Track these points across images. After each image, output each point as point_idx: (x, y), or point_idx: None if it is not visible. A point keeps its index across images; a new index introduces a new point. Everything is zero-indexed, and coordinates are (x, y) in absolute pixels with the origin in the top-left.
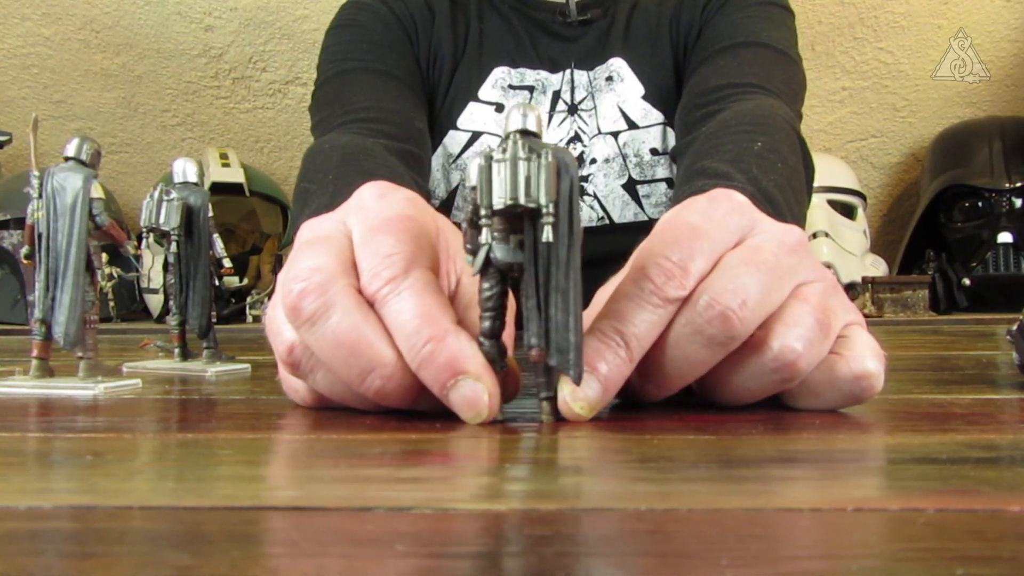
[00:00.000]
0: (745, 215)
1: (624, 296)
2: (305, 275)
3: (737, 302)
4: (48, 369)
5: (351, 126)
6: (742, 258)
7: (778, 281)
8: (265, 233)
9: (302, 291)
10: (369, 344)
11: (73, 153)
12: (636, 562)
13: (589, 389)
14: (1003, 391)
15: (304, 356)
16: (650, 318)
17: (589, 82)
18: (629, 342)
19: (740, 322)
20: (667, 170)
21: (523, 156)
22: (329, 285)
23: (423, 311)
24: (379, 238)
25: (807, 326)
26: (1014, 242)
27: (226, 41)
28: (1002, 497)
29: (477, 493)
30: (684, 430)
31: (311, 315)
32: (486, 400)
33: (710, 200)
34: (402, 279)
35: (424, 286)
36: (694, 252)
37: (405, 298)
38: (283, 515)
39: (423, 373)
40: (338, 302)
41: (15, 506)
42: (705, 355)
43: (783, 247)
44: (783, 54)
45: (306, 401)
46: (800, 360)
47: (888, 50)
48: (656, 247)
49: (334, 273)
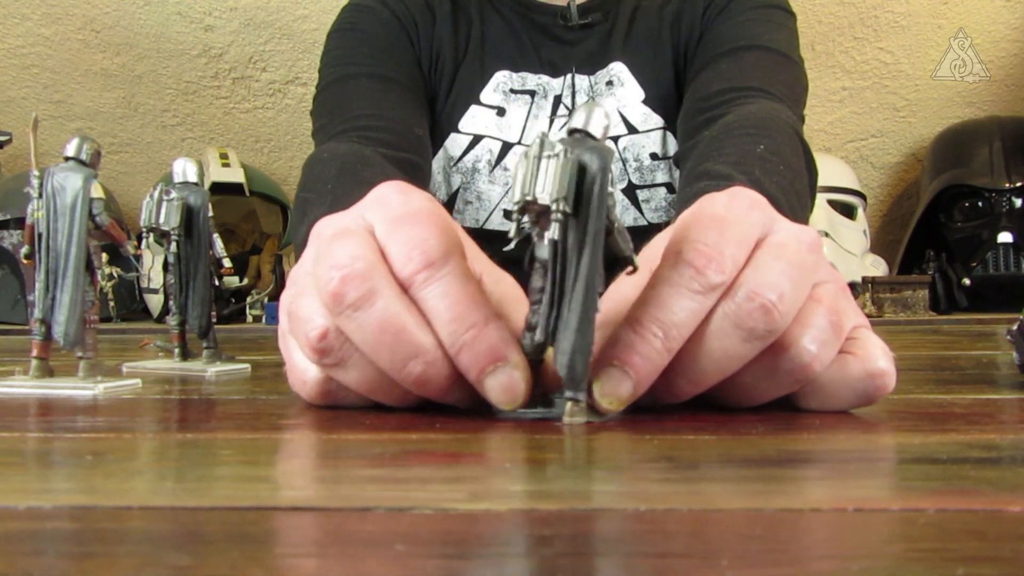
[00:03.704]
0: (765, 212)
1: (663, 282)
2: (346, 262)
3: (776, 295)
4: (48, 369)
5: (351, 134)
6: (773, 254)
7: (804, 278)
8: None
9: (344, 277)
10: (412, 331)
11: (73, 153)
12: (636, 562)
13: (619, 386)
14: (1003, 391)
15: (337, 343)
16: (691, 306)
17: (590, 86)
18: (668, 332)
19: (780, 316)
20: (667, 175)
21: (538, 154)
22: (372, 272)
23: (466, 297)
24: (408, 227)
25: (821, 327)
26: (1014, 242)
27: (226, 41)
28: (1002, 497)
29: (478, 493)
30: (684, 430)
31: (355, 301)
32: (523, 387)
33: (731, 196)
34: (441, 265)
35: (463, 273)
36: (728, 239)
37: (447, 284)
38: (283, 515)
39: (462, 357)
40: (381, 289)
41: (15, 506)
42: (744, 349)
43: (803, 245)
44: (785, 57)
45: (313, 394)
46: (815, 361)
47: (888, 50)
48: (690, 233)
49: (374, 261)
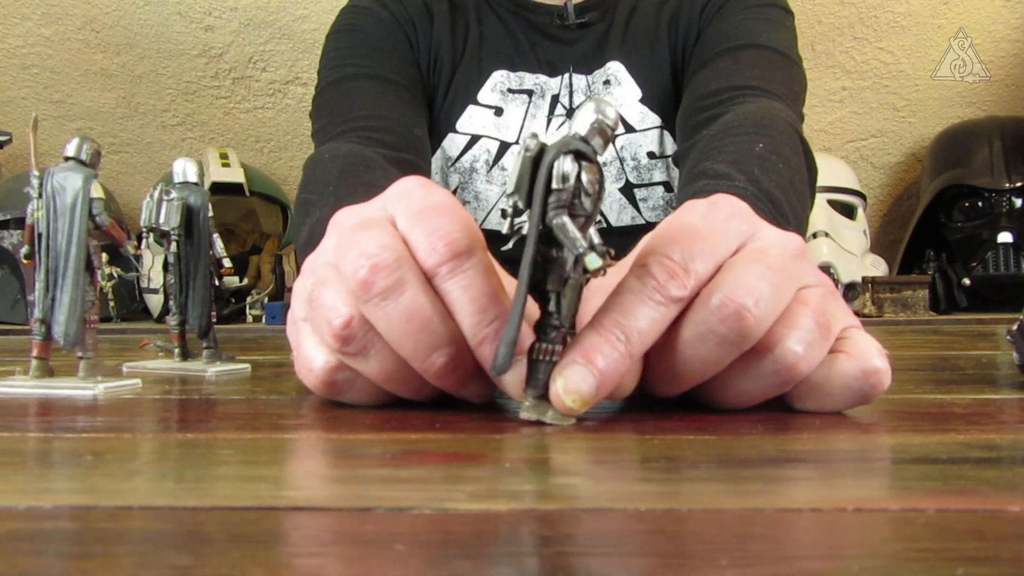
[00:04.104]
0: (746, 220)
1: (627, 290)
2: (375, 251)
3: (751, 300)
4: (48, 369)
5: (351, 135)
6: (751, 258)
7: (786, 282)
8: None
9: (375, 266)
10: (439, 321)
11: (73, 153)
12: (636, 562)
13: (583, 383)
14: (1003, 391)
15: (361, 331)
16: (652, 314)
17: (587, 86)
18: (630, 336)
19: (754, 320)
20: (664, 174)
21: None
22: (401, 262)
23: (489, 291)
24: (432, 218)
25: (807, 328)
26: (1014, 242)
27: (226, 41)
28: (1002, 497)
29: (477, 493)
30: (684, 430)
31: (384, 290)
32: None
33: (711, 204)
34: (467, 257)
35: (487, 267)
36: (695, 253)
37: (472, 276)
38: (283, 515)
39: (483, 350)
40: (410, 280)
41: (15, 506)
42: (718, 354)
43: (785, 251)
44: (783, 56)
45: (318, 382)
46: (801, 362)
47: (888, 50)
48: (658, 245)
49: (403, 252)
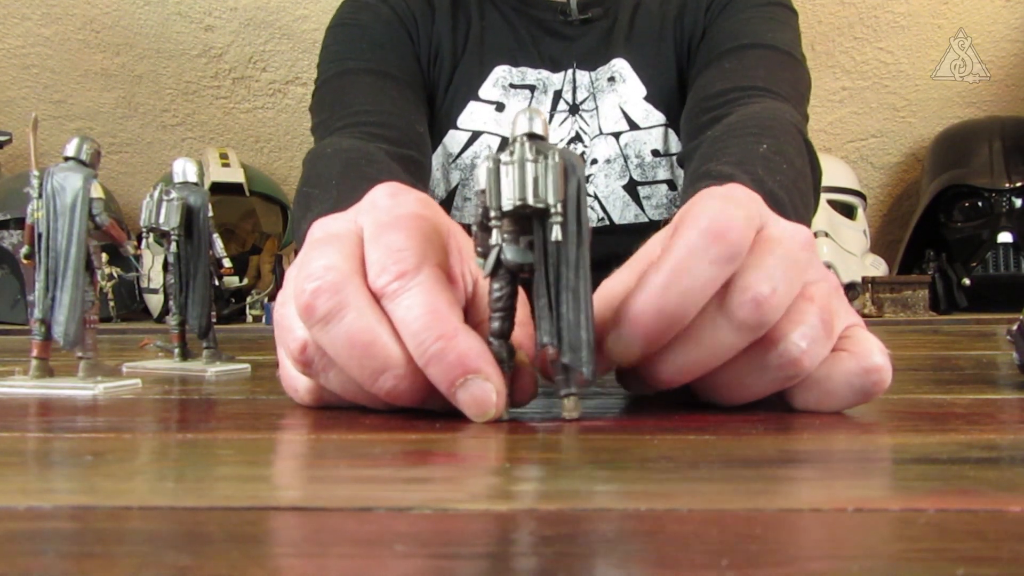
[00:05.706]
0: (760, 208)
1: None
2: (319, 274)
3: (768, 289)
4: (48, 369)
5: (352, 130)
6: (767, 248)
7: (798, 274)
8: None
9: (315, 290)
10: (383, 344)
11: (73, 153)
12: (636, 562)
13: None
14: (1003, 391)
15: (316, 355)
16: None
17: (591, 82)
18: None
19: (771, 309)
20: (668, 172)
21: (530, 158)
22: (343, 285)
23: (433, 308)
24: (390, 234)
25: (812, 324)
26: (1014, 242)
27: (226, 41)
28: (1002, 497)
29: (478, 493)
30: (684, 430)
31: (325, 315)
32: (494, 399)
33: (728, 189)
34: (413, 275)
35: (435, 283)
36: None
37: (415, 295)
38: (283, 515)
39: (432, 370)
40: (352, 302)
41: (15, 506)
42: (733, 339)
43: (796, 242)
44: (788, 55)
45: (305, 401)
46: (804, 356)
47: (888, 50)
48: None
49: (347, 272)
